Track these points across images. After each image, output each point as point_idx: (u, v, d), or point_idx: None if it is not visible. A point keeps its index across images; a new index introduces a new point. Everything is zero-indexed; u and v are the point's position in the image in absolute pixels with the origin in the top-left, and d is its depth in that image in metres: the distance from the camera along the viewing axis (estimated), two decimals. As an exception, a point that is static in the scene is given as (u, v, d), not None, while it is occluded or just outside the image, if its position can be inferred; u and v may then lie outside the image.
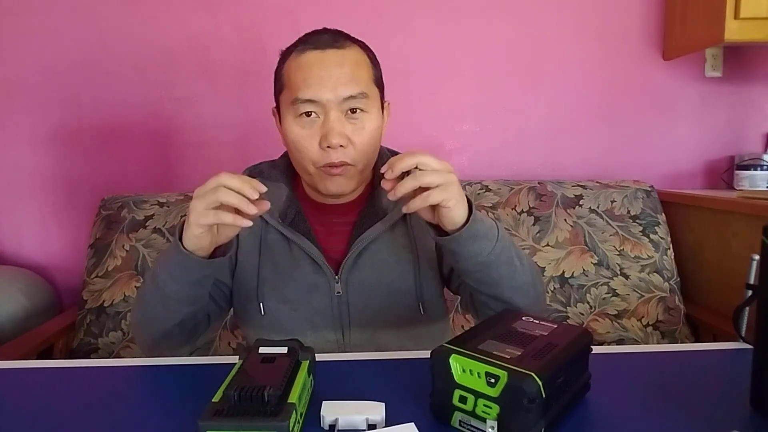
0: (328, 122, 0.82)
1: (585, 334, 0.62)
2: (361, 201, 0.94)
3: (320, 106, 0.82)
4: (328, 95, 0.81)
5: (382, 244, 0.92)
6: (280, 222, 0.90)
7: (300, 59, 0.83)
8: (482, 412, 0.53)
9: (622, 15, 1.77)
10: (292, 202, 0.92)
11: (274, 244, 0.92)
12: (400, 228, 0.93)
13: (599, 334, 1.48)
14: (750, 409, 0.59)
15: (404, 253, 0.92)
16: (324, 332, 0.91)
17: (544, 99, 1.79)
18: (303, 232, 0.90)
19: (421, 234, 0.93)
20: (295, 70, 0.83)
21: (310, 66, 0.82)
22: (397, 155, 0.72)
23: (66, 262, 1.77)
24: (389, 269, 0.91)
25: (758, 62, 1.78)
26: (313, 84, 0.81)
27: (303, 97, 0.82)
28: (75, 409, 0.62)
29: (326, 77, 0.81)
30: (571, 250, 1.55)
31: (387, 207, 0.92)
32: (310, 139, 0.83)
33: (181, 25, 1.70)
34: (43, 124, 1.72)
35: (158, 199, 1.59)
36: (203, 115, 1.74)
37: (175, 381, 0.70)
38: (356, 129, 0.84)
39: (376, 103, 0.87)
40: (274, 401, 0.51)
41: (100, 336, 1.46)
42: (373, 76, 0.87)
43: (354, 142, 0.84)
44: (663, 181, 1.82)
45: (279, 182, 0.93)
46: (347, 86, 0.82)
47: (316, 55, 0.82)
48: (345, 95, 0.82)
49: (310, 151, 0.84)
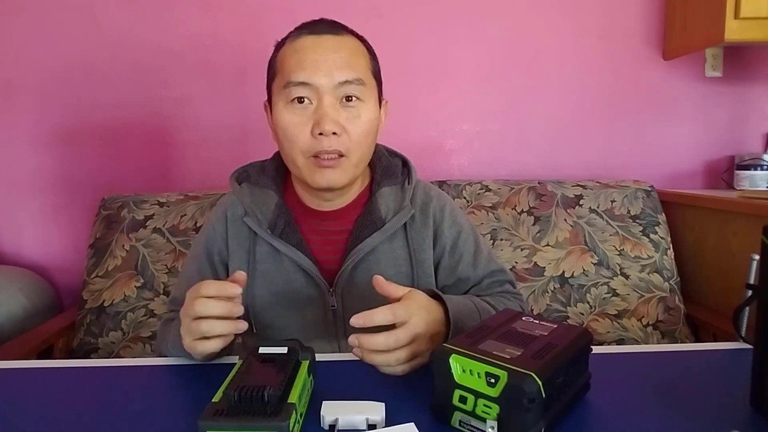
0: (322, 108, 0.77)
1: (585, 334, 0.62)
2: (357, 207, 0.89)
3: (314, 90, 0.78)
4: (322, 79, 0.77)
5: (379, 255, 0.87)
6: (269, 233, 0.85)
7: (295, 43, 0.80)
8: (482, 412, 0.53)
9: (622, 15, 1.77)
10: (282, 211, 0.87)
11: (264, 257, 0.87)
12: (399, 238, 0.88)
13: (599, 334, 1.48)
14: (750, 409, 0.59)
15: (403, 266, 0.88)
16: (320, 344, 0.87)
17: (544, 99, 1.79)
18: (294, 244, 0.85)
19: (420, 246, 0.89)
20: (290, 55, 0.79)
21: (306, 50, 0.78)
22: (374, 312, 0.64)
23: (66, 262, 1.77)
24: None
25: (758, 62, 1.78)
26: (308, 67, 0.77)
27: (296, 79, 0.77)
28: (75, 409, 0.62)
29: (321, 60, 0.77)
30: (571, 250, 1.55)
31: (385, 216, 0.87)
32: (302, 126, 0.79)
33: (181, 25, 1.70)
34: (43, 124, 1.72)
35: (158, 198, 1.59)
36: (203, 114, 1.74)
37: (175, 381, 0.70)
38: (351, 117, 0.79)
39: (374, 93, 0.83)
40: (274, 401, 0.51)
41: (100, 336, 1.46)
42: (371, 66, 0.84)
43: (348, 130, 0.79)
44: (663, 181, 1.82)
45: (268, 189, 0.88)
46: (343, 71, 0.78)
47: (313, 39, 0.79)
48: (341, 79, 0.78)
49: (301, 138, 0.79)
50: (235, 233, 0.88)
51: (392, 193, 0.89)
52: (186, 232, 1.52)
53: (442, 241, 0.91)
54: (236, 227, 0.88)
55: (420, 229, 0.90)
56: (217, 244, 0.90)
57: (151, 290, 1.49)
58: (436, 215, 0.91)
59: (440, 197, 0.94)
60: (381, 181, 0.89)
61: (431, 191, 0.94)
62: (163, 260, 1.50)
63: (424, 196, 0.92)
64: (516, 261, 1.54)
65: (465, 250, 0.92)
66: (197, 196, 1.59)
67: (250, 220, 0.86)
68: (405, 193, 0.89)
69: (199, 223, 1.53)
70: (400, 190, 0.90)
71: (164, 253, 1.50)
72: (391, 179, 0.90)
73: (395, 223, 0.86)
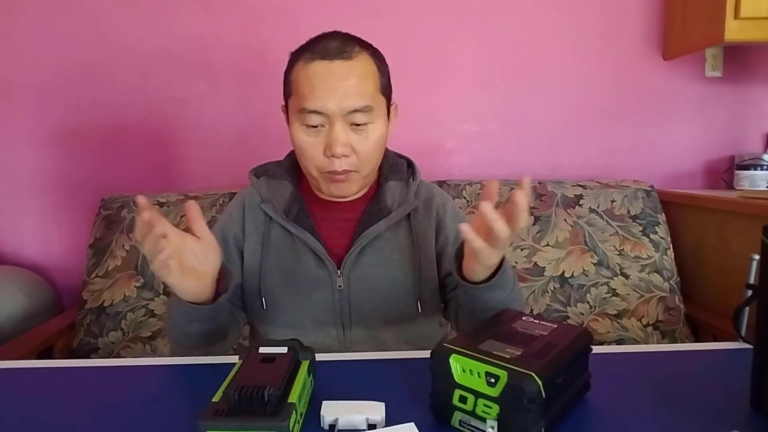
0: (333, 132, 0.85)
1: (585, 334, 0.62)
2: (366, 199, 0.97)
3: (326, 117, 0.85)
4: (333, 107, 0.84)
5: (385, 242, 0.94)
6: (283, 217, 0.93)
7: (308, 69, 0.85)
8: (482, 412, 0.53)
9: (622, 15, 1.77)
10: (296, 199, 0.95)
11: (278, 240, 0.95)
12: (403, 227, 0.96)
13: (599, 334, 1.48)
14: (750, 409, 0.59)
15: (406, 252, 0.95)
16: (326, 328, 0.93)
17: (545, 99, 1.79)
18: (306, 227, 0.93)
19: (424, 234, 0.97)
20: (303, 80, 0.86)
21: (317, 77, 0.84)
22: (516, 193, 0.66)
23: (66, 262, 1.77)
24: (391, 266, 0.94)
25: (758, 62, 1.78)
26: (320, 96, 0.84)
27: (309, 108, 0.84)
28: (75, 409, 0.62)
29: (333, 90, 0.84)
30: (571, 250, 1.55)
31: (391, 206, 0.95)
32: (316, 146, 0.87)
33: (181, 25, 1.70)
34: (44, 124, 1.72)
35: (158, 199, 1.59)
36: (203, 115, 1.74)
37: (175, 381, 0.70)
38: (361, 139, 0.87)
39: (382, 111, 0.90)
40: (274, 401, 0.51)
41: (100, 336, 1.46)
42: (379, 85, 0.89)
43: (358, 151, 0.87)
44: (663, 181, 1.82)
45: (283, 180, 0.97)
46: (352, 99, 0.84)
47: (324, 66, 0.84)
48: (350, 108, 0.84)
49: (315, 157, 0.87)
50: (251, 218, 0.96)
51: (398, 187, 0.98)
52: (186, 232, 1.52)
53: (445, 232, 0.98)
54: (253, 213, 0.97)
55: (423, 220, 0.98)
56: (233, 229, 0.97)
57: (151, 290, 1.49)
58: (439, 209, 1.00)
59: (442, 195, 1.03)
60: (388, 176, 0.98)
61: (434, 189, 1.03)
62: (163, 260, 1.50)
63: (427, 192, 1.01)
64: (516, 261, 1.54)
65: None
66: (197, 196, 1.59)
67: (266, 206, 0.95)
68: (410, 188, 0.98)
69: (199, 223, 1.53)
70: (406, 185, 0.98)
71: (164, 253, 1.50)
72: (397, 175, 0.99)
73: (400, 213, 0.95)
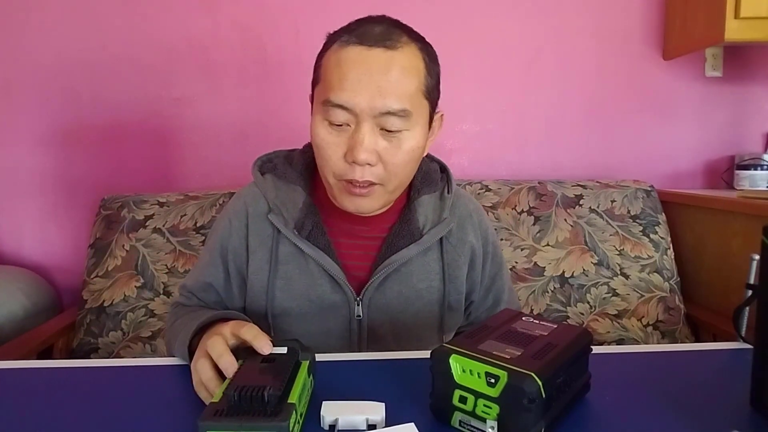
0: (359, 134, 0.70)
1: (585, 334, 0.62)
2: (393, 213, 0.83)
3: (352, 114, 0.70)
4: (362, 104, 0.69)
5: (412, 268, 0.82)
6: (295, 234, 0.79)
7: (341, 54, 0.70)
8: (482, 412, 0.53)
9: (622, 15, 1.76)
10: (310, 210, 0.80)
11: (288, 258, 0.81)
12: (434, 251, 0.84)
13: (599, 334, 1.48)
14: (750, 409, 0.59)
15: (435, 281, 0.83)
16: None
17: (544, 99, 1.79)
18: (322, 247, 0.79)
19: (455, 263, 0.85)
20: (334, 66, 0.71)
21: (349, 64, 0.69)
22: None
23: (66, 262, 1.77)
24: (417, 297, 0.83)
25: (758, 62, 1.78)
26: (348, 88, 0.69)
27: (335, 101, 0.70)
28: (75, 409, 0.62)
29: (365, 82, 0.69)
30: (571, 249, 1.55)
31: (423, 226, 0.82)
32: (336, 147, 0.72)
33: (181, 25, 1.70)
34: (43, 124, 1.72)
35: (158, 198, 1.59)
36: (203, 114, 1.74)
37: (175, 381, 0.70)
38: (391, 147, 0.72)
39: (422, 118, 0.74)
40: (274, 401, 0.51)
41: (100, 336, 1.46)
42: (424, 86, 0.74)
43: (385, 161, 0.72)
44: (663, 181, 1.82)
45: (295, 185, 0.82)
46: (387, 99, 0.69)
47: (359, 52, 0.69)
48: (382, 109, 0.69)
49: (333, 160, 0.72)
50: (256, 231, 0.82)
51: (431, 202, 0.84)
52: (186, 232, 1.52)
53: (476, 276, 0.89)
54: (258, 224, 0.82)
55: (456, 245, 0.86)
56: (233, 241, 0.84)
57: (151, 290, 1.49)
58: (475, 244, 0.88)
59: (479, 212, 0.91)
60: (421, 188, 0.84)
61: (470, 205, 0.90)
62: (163, 260, 1.50)
63: (462, 209, 0.88)
64: (516, 261, 1.54)
65: (495, 294, 0.94)
66: (197, 196, 1.59)
67: (275, 218, 0.80)
68: (444, 202, 0.84)
69: (199, 223, 1.53)
70: (439, 198, 0.85)
71: (164, 253, 1.50)
72: (431, 187, 0.85)
73: (433, 236, 0.82)
